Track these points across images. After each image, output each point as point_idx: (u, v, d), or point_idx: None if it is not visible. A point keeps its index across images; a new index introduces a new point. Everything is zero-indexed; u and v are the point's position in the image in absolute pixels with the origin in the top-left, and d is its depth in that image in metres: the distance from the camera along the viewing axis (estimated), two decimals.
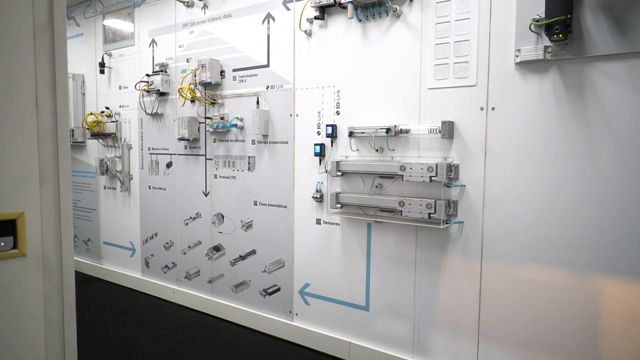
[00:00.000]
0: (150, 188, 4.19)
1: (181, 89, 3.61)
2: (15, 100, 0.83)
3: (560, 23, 1.94)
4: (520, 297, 2.31)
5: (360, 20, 2.75)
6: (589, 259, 2.11)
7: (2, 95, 0.83)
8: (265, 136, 3.30)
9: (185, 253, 3.94)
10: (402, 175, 2.51)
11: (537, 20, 2.03)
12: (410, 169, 2.48)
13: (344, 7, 2.73)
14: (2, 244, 0.84)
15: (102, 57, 4.50)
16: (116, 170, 4.42)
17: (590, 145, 2.09)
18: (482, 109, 2.36)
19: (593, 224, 2.09)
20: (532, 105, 2.22)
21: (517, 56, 2.21)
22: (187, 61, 3.77)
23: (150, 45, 4.08)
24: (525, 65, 2.22)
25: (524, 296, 2.30)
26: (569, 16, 1.94)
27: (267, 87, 3.27)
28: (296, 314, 3.22)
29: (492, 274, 2.38)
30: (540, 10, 2.06)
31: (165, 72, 3.92)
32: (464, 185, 2.45)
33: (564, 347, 2.20)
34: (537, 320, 2.26)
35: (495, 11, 2.29)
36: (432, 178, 2.42)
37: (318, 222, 3.05)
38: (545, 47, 2.11)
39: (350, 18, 2.71)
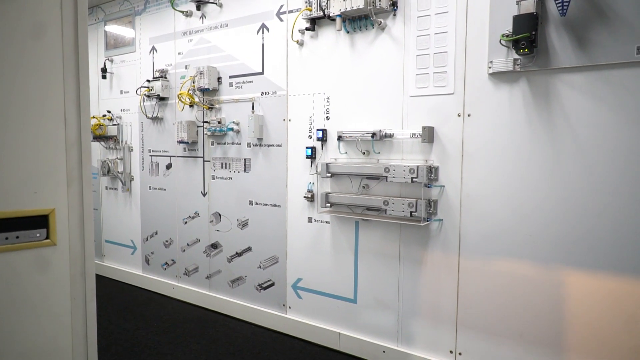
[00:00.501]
0: (150, 188, 4.36)
1: (180, 94, 3.78)
2: (48, 116, 1.00)
3: (526, 39, 2.13)
4: (493, 289, 2.50)
5: (348, 32, 2.94)
6: (553, 253, 2.30)
7: (37, 112, 1.00)
8: (260, 139, 3.48)
9: (184, 250, 4.11)
10: (387, 177, 2.70)
11: (506, 36, 2.22)
12: (394, 170, 2.66)
13: (333, 19, 2.91)
14: (38, 234, 1.01)
15: (104, 63, 4.67)
16: (118, 172, 4.58)
17: (555, 149, 2.27)
18: (459, 116, 2.55)
19: (557, 221, 2.28)
20: (504, 112, 2.40)
21: (489, 67, 2.40)
22: (186, 68, 3.94)
23: (150, 52, 4.25)
24: (497, 76, 2.40)
25: (497, 288, 2.48)
26: (533, 33, 2.13)
27: (262, 93, 3.45)
28: (289, 307, 3.40)
29: (469, 267, 2.57)
30: (509, 27, 2.25)
31: (165, 77, 4.09)
32: (443, 186, 2.63)
33: (532, 333, 2.39)
34: (509, 310, 2.45)
35: (471, 26, 2.47)
36: (414, 179, 2.60)
37: (309, 220, 3.23)
38: (515, 60, 2.30)
39: (338, 30, 2.89)
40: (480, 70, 2.46)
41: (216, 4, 3.67)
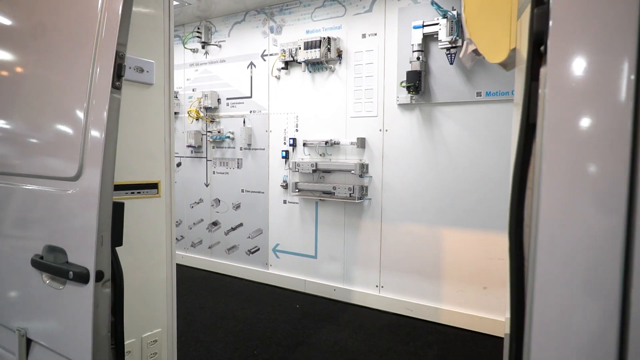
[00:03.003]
0: None
1: (189, 111, 4.92)
2: (158, 133, 2.15)
3: (412, 86, 3.35)
4: (401, 242, 3.72)
5: (310, 72, 4.13)
6: (436, 218, 3.54)
7: (154, 131, 2.15)
8: (249, 145, 4.64)
9: (191, 228, 5.24)
10: (335, 171, 3.89)
11: (402, 83, 3.44)
12: (340, 167, 3.86)
13: (299, 63, 4.10)
14: (155, 191, 2.15)
15: None
16: None
17: (435, 153, 3.51)
18: (380, 131, 3.77)
19: (437, 197, 3.52)
20: (406, 129, 3.63)
21: (397, 100, 3.62)
22: (193, 90, 5.08)
23: None
24: (402, 106, 3.63)
25: (404, 241, 3.71)
26: (417, 82, 3.36)
27: (250, 112, 4.62)
28: (270, 265, 4.57)
29: (387, 229, 3.79)
30: (405, 77, 3.48)
31: (177, 97, 5.21)
32: (371, 177, 3.85)
33: (424, 269, 3.62)
34: (410, 255, 3.68)
35: (386, 73, 3.69)
36: (352, 172, 3.81)
37: (284, 202, 4.41)
38: (411, 97, 3.53)
39: (303, 71, 4.09)
40: (392, 101, 3.68)
41: (217, 45, 4.83)
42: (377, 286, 3.89)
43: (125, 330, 1.63)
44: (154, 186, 2.21)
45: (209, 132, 4.95)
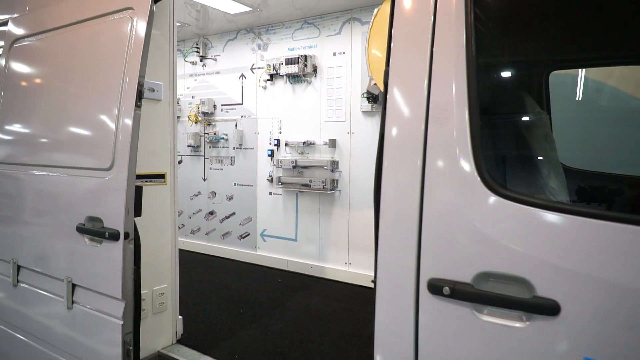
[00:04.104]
0: None
1: (189, 115, 5.55)
2: (164, 136, 2.76)
3: (372, 97, 3.99)
4: (366, 226, 4.36)
5: (291, 83, 4.76)
6: None
7: (161, 134, 2.76)
8: (240, 145, 5.27)
9: (190, 217, 5.86)
10: (311, 167, 4.53)
11: (363, 94, 4.08)
12: (315, 163, 4.50)
13: (282, 76, 4.74)
14: (163, 180, 2.76)
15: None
16: None
17: None
18: (348, 133, 4.41)
19: None
20: (369, 132, 4.27)
21: (361, 108, 4.26)
22: (192, 98, 5.70)
23: None
24: (365, 113, 4.27)
25: (368, 225, 4.35)
26: (377, 94, 3.99)
27: (242, 116, 5.25)
28: (258, 248, 5.21)
29: (354, 215, 4.43)
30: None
31: (178, 104, 5.83)
32: (341, 171, 4.49)
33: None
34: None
35: (352, 85, 4.33)
36: (325, 168, 4.45)
37: (270, 193, 5.05)
38: (372, 105, 4.16)
39: (285, 82, 4.72)
40: (358, 109, 4.32)
41: (213, 59, 5.45)
42: (346, 263, 4.54)
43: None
44: (162, 176, 2.85)
45: (206, 133, 5.57)
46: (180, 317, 3.10)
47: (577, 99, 3.18)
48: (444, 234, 1.30)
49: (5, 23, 3.03)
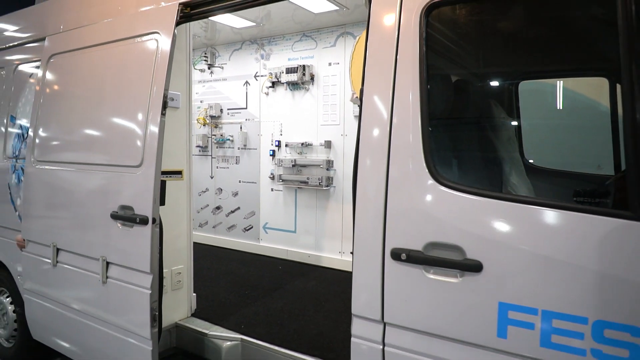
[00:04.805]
0: None
1: (198, 119, 5.96)
2: (182, 139, 3.16)
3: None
4: (348, 217, 4.75)
5: (291, 90, 5.17)
6: None
7: (180, 137, 3.16)
8: (245, 145, 5.68)
9: (199, 212, 6.27)
10: (309, 165, 4.94)
11: (356, 99, 4.49)
12: (312, 162, 4.91)
13: (283, 83, 5.14)
14: (180, 176, 3.17)
15: None
16: None
17: None
18: (342, 135, 4.81)
19: None
20: None
21: (353, 112, 4.66)
22: (201, 102, 6.10)
23: None
24: (357, 117, 4.66)
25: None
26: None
27: (246, 119, 5.65)
28: (261, 239, 5.61)
29: (347, 209, 4.84)
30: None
31: None
32: (335, 170, 4.89)
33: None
34: None
35: (346, 92, 4.73)
36: (321, 166, 4.85)
37: (272, 190, 5.46)
38: None
39: (285, 89, 5.13)
40: (350, 114, 4.73)
41: (220, 67, 5.86)
42: (339, 252, 4.94)
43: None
44: (179, 173, 3.26)
45: (214, 135, 5.97)
46: (194, 294, 3.50)
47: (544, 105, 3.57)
48: (403, 215, 1.71)
49: (41, 39, 3.44)
